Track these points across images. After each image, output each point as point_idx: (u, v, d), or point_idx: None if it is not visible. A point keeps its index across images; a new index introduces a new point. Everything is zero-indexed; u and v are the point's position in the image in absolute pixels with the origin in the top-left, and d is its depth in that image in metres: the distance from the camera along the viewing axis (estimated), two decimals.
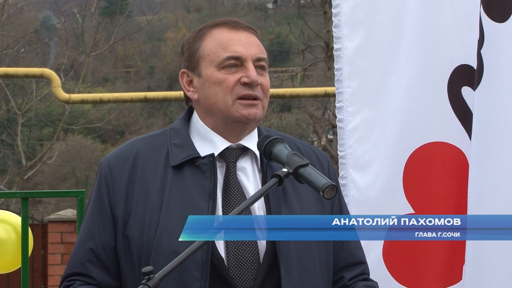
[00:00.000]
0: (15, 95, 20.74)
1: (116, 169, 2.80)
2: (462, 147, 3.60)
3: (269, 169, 2.80)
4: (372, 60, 3.78)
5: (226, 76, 2.78)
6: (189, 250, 2.37)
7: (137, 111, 28.90)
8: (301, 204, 2.79)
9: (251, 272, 2.69)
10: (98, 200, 2.81)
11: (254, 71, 2.79)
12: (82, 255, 2.78)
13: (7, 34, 19.46)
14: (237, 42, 2.81)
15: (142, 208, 2.74)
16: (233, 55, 2.79)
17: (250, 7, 37.05)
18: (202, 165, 2.77)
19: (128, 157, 2.81)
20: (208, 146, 2.81)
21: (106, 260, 2.76)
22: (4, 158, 21.93)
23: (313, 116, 19.65)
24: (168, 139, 2.84)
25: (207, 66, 2.81)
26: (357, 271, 2.89)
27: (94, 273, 2.76)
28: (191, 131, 2.87)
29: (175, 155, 2.79)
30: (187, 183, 2.75)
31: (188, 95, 2.87)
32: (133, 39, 30.58)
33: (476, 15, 3.47)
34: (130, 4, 23.59)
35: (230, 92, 2.78)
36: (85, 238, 2.79)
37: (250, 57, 2.80)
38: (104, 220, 2.78)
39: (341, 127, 3.82)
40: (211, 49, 2.82)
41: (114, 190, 2.78)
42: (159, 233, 2.70)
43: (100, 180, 2.82)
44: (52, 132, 21.36)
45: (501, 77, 3.42)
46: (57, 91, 10.05)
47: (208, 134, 2.83)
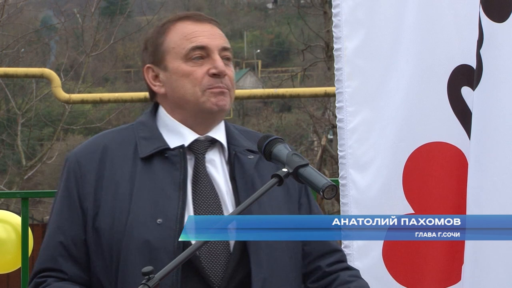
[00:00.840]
0: (15, 95, 20.75)
1: (84, 162, 2.79)
2: (462, 147, 3.60)
3: (236, 162, 2.81)
4: (372, 60, 3.78)
5: (193, 68, 2.79)
6: (189, 250, 2.37)
7: (137, 111, 28.85)
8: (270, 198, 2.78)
9: (221, 262, 2.70)
10: (66, 193, 2.79)
11: (221, 62, 2.80)
12: (53, 250, 2.77)
13: (7, 34, 19.47)
14: (202, 34, 2.82)
15: (111, 199, 2.73)
16: (198, 45, 2.79)
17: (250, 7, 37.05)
18: (172, 156, 2.77)
19: (96, 150, 2.81)
20: (177, 138, 2.81)
21: (77, 254, 2.75)
22: (4, 158, 21.93)
23: (313, 116, 19.66)
24: (136, 132, 2.84)
25: (173, 59, 2.81)
26: (333, 259, 2.89)
27: (66, 267, 2.74)
28: (159, 125, 2.86)
29: (143, 147, 2.79)
30: (157, 174, 2.75)
31: (155, 90, 2.86)
32: (133, 39, 30.53)
33: (475, 15, 3.46)
34: (130, 4, 23.60)
35: (198, 84, 2.78)
36: (55, 232, 2.78)
37: (216, 47, 2.81)
38: (73, 213, 2.76)
39: (341, 127, 3.82)
40: (176, 42, 2.82)
41: (83, 183, 2.77)
42: (129, 223, 2.69)
43: (68, 174, 2.80)
44: (52, 132, 21.35)
45: (500, 77, 3.41)
46: (57, 91, 10.04)
47: (176, 127, 2.83)
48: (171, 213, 2.69)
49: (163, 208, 2.70)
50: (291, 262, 2.80)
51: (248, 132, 2.97)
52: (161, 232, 2.66)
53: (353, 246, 3.70)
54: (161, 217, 2.69)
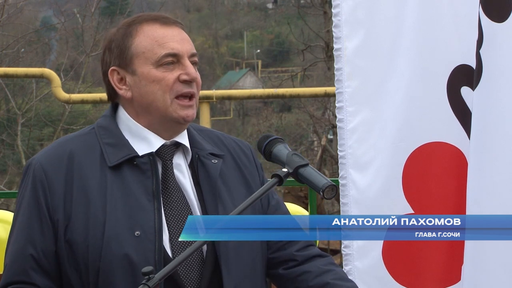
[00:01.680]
0: (15, 95, 20.75)
1: (51, 171, 2.71)
2: (462, 147, 3.60)
3: (200, 166, 2.78)
4: (372, 60, 3.78)
5: (164, 74, 2.73)
6: (189, 250, 2.36)
7: None
8: (232, 198, 2.77)
9: (196, 272, 2.68)
10: (34, 204, 2.70)
11: (192, 68, 2.76)
12: (23, 263, 2.67)
13: (7, 34, 19.47)
14: (172, 39, 2.76)
15: (83, 211, 2.67)
16: (170, 52, 2.74)
17: (250, 7, 37.04)
18: (142, 164, 2.72)
19: (61, 157, 2.73)
20: (143, 144, 2.76)
21: (48, 267, 2.68)
22: (4, 158, 21.93)
23: (313, 116, 19.67)
24: (99, 138, 2.77)
25: (143, 63, 2.75)
26: (302, 243, 2.85)
27: (38, 280, 2.67)
28: (122, 128, 2.79)
29: (111, 155, 2.72)
30: (128, 183, 2.69)
31: (120, 94, 2.78)
32: None
33: (475, 15, 3.46)
34: (130, 4, 23.59)
35: (169, 91, 2.73)
36: (24, 244, 2.68)
37: (186, 53, 2.77)
38: (43, 224, 2.68)
39: (341, 127, 3.82)
40: (146, 46, 2.75)
41: (51, 193, 2.69)
42: (106, 237, 2.63)
43: (35, 184, 2.71)
44: (52, 132, 21.35)
45: (500, 77, 3.41)
46: (57, 91, 10.05)
47: (142, 132, 2.77)
48: (148, 225, 2.64)
49: (139, 219, 2.65)
50: (258, 260, 2.78)
51: (206, 131, 2.92)
52: (140, 244, 2.61)
53: (353, 246, 3.70)
54: (139, 230, 2.64)
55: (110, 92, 2.82)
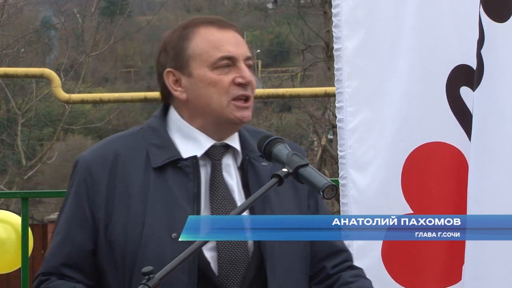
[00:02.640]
0: (15, 95, 20.75)
1: (96, 169, 2.74)
2: (461, 147, 3.60)
3: (250, 168, 2.79)
4: (372, 60, 3.78)
5: (220, 77, 2.75)
6: (189, 250, 2.36)
7: (137, 111, 28.90)
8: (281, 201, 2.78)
9: (239, 274, 2.69)
10: (77, 202, 2.74)
11: (248, 71, 2.78)
12: (59, 258, 2.73)
13: (7, 34, 19.48)
14: (228, 42, 2.79)
15: (124, 210, 2.70)
16: (226, 55, 2.76)
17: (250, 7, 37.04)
18: (185, 167, 2.73)
19: (107, 157, 2.75)
20: (192, 145, 2.77)
21: (83, 264, 2.72)
22: (4, 158, 21.93)
23: (313, 116, 19.67)
24: (146, 138, 2.79)
25: (199, 66, 2.77)
26: (338, 259, 2.88)
27: (71, 274, 2.72)
28: (170, 130, 2.82)
29: (156, 156, 2.74)
30: (170, 185, 2.71)
31: (176, 95, 2.80)
32: (133, 39, 30.55)
33: (475, 15, 3.46)
34: (130, 4, 23.60)
35: (224, 93, 2.75)
36: (63, 240, 2.74)
37: (242, 56, 2.79)
38: (83, 223, 2.72)
39: (341, 127, 3.82)
40: (203, 49, 2.77)
41: (94, 192, 2.73)
42: (144, 237, 2.66)
43: (79, 181, 2.75)
44: (52, 132, 21.36)
45: (502, 77, 3.41)
46: (57, 91, 10.04)
47: (192, 133, 2.79)
48: None
49: (177, 221, 2.65)
50: (302, 267, 2.79)
51: (256, 132, 2.92)
52: (176, 246, 2.60)
53: (353, 246, 3.70)
54: (176, 231, 2.64)
55: (164, 93, 2.85)
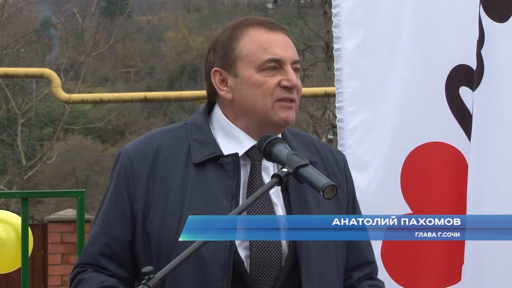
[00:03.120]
0: (15, 95, 20.75)
1: (137, 162, 2.76)
2: (460, 147, 3.60)
3: None
4: (372, 60, 3.78)
5: (266, 79, 2.75)
6: (189, 250, 2.36)
7: (137, 111, 28.92)
8: (319, 205, 2.77)
9: (271, 275, 2.68)
10: (116, 193, 2.77)
11: (294, 75, 2.77)
12: (96, 248, 2.75)
13: (7, 34, 19.47)
14: (276, 44, 2.78)
15: (163, 204, 2.71)
16: (274, 57, 2.75)
17: (250, 7, 37.02)
18: (225, 164, 2.74)
19: (149, 150, 2.77)
20: (233, 144, 2.78)
21: (120, 255, 2.74)
22: (4, 158, 21.93)
23: (313, 116, 19.65)
24: (189, 134, 2.80)
25: (246, 67, 2.76)
26: (365, 271, 2.89)
27: (108, 266, 2.74)
28: (214, 127, 2.82)
29: (197, 152, 2.75)
30: (210, 181, 2.72)
31: (221, 95, 2.80)
32: (133, 39, 30.57)
33: (474, 15, 3.46)
34: (130, 4, 23.60)
35: (269, 95, 2.74)
36: (101, 231, 2.76)
37: (289, 59, 2.78)
38: (121, 214, 2.74)
39: (341, 127, 3.82)
40: (251, 50, 2.77)
41: (134, 184, 2.75)
42: (181, 231, 2.63)
43: (119, 173, 2.78)
44: (52, 132, 21.35)
45: (502, 77, 3.41)
46: (57, 91, 10.03)
47: (234, 132, 2.79)
48: None
49: None
50: (338, 273, 2.79)
51: (302, 136, 2.91)
52: (212, 242, 2.58)
53: None
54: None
55: (210, 92, 2.85)
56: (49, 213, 18.56)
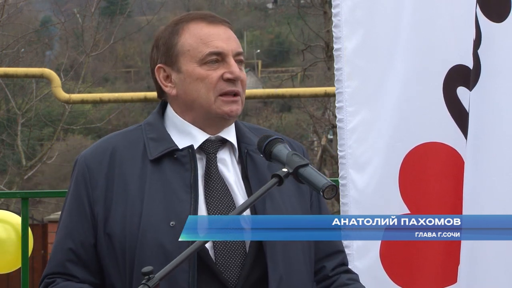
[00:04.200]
0: (15, 95, 20.74)
1: (93, 165, 2.78)
2: (457, 147, 3.60)
3: (249, 160, 2.81)
4: (371, 60, 3.78)
5: (208, 72, 2.77)
6: (190, 250, 2.36)
7: (137, 111, 28.89)
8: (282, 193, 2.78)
9: (237, 263, 2.70)
10: (76, 198, 2.78)
11: (236, 67, 2.79)
12: (62, 255, 2.76)
13: (7, 34, 19.47)
14: (217, 37, 2.79)
15: (122, 203, 2.72)
16: (215, 50, 2.78)
17: (250, 7, 37.04)
18: (181, 157, 2.76)
19: (104, 153, 2.79)
20: (187, 139, 2.80)
21: (87, 259, 2.74)
22: (4, 158, 21.93)
23: (313, 116, 19.67)
24: (144, 133, 2.82)
25: (188, 61, 2.79)
26: (337, 261, 2.91)
27: (76, 272, 2.74)
28: (167, 125, 2.85)
29: (152, 149, 2.77)
30: (167, 175, 2.74)
31: (166, 91, 2.84)
32: (133, 39, 30.55)
33: (472, 16, 3.46)
34: (130, 4, 23.59)
35: (213, 89, 2.77)
36: (64, 237, 2.77)
37: (231, 52, 2.79)
38: (82, 218, 2.75)
39: (341, 127, 3.82)
40: (191, 44, 2.79)
41: (93, 187, 2.76)
42: (142, 227, 2.68)
43: (77, 178, 2.79)
44: (52, 132, 21.35)
45: (498, 77, 3.41)
46: (57, 91, 10.04)
47: (186, 127, 2.82)
48: (183, 215, 2.63)
49: (175, 210, 2.68)
50: (305, 261, 2.80)
51: (259, 129, 2.95)
52: (175, 235, 2.62)
53: (353, 246, 3.71)
54: (174, 220, 2.67)
55: (157, 89, 2.88)
56: (49, 213, 18.57)
